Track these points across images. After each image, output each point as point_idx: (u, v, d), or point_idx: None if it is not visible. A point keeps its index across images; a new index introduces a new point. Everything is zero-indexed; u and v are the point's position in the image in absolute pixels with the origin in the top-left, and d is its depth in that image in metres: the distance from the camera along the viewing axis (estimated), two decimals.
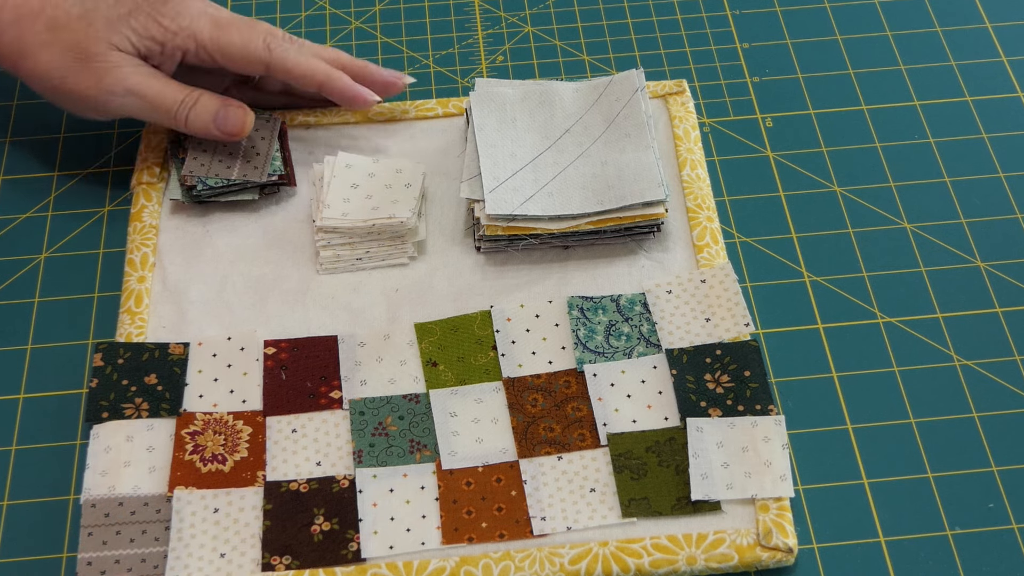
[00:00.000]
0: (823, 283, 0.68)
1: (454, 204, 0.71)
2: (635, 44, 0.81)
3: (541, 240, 0.67)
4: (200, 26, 0.68)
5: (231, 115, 0.68)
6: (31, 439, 0.63)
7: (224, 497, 0.60)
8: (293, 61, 0.68)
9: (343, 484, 0.60)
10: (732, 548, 0.57)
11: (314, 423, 0.62)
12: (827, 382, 0.64)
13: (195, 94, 0.68)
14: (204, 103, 0.68)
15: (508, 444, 0.61)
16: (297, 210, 0.71)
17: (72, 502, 0.61)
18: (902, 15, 0.82)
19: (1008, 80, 0.78)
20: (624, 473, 0.60)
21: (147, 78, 0.67)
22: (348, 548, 0.58)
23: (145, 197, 0.71)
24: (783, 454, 0.60)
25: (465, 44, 0.81)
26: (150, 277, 0.68)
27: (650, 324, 0.65)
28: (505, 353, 0.64)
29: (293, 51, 0.69)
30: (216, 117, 0.68)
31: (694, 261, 0.68)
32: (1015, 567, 0.58)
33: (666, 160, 0.72)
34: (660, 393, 0.63)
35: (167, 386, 0.63)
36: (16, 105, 0.78)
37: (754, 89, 0.78)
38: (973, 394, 0.64)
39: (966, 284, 0.68)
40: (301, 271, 0.68)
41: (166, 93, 0.67)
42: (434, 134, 0.74)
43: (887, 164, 0.74)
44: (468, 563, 0.57)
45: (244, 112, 0.69)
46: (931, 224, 0.71)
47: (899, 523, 0.59)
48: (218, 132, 0.68)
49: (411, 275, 0.68)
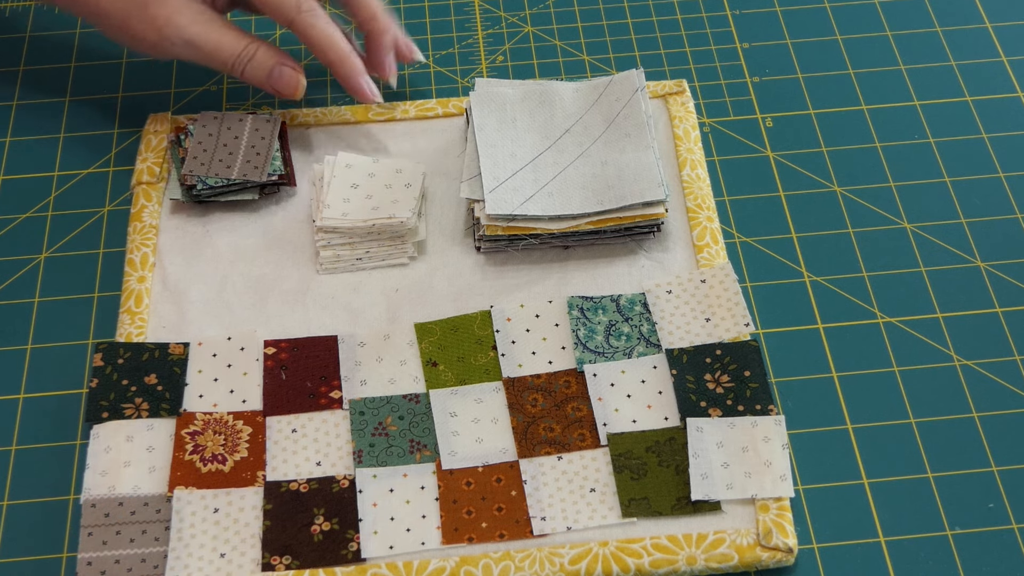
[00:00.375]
0: (823, 283, 0.68)
1: (454, 204, 0.71)
2: (635, 44, 0.81)
3: (541, 240, 0.67)
4: None
5: (285, 75, 0.69)
6: (31, 439, 0.63)
7: (224, 497, 0.60)
8: (317, 29, 0.69)
9: (343, 484, 0.60)
10: (732, 548, 0.57)
11: (314, 423, 0.62)
12: (827, 382, 0.64)
13: (252, 48, 0.68)
14: (260, 59, 0.69)
15: (508, 444, 0.61)
16: (297, 210, 0.71)
17: (72, 502, 0.61)
18: (902, 15, 0.82)
19: (1008, 80, 0.78)
20: (624, 473, 0.60)
21: (205, 28, 0.68)
22: (348, 548, 0.58)
23: (145, 197, 0.71)
24: (783, 454, 0.60)
25: (465, 44, 0.81)
26: (150, 277, 0.68)
27: (650, 324, 0.65)
28: (505, 353, 0.64)
29: (322, 19, 0.69)
30: (271, 74, 0.69)
31: (694, 261, 0.68)
32: (1015, 567, 0.58)
33: (666, 160, 0.72)
34: (660, 393, 0.63)
35: (167, 386, 0.63)
36: (16, 105, 0.78)
37: (754, 89, 0.78)
38: (973, 394, 0.64)
39: (966, 284, 0.68)
40: (301, 271, 0.68)
41: (223, 45, 0.68)
42: (434, 134, 0.74)
43: (887, 164, 0.74)
44: (468, 563, 0.57)
45: (297, 74, 0.69)
46: (931, 224, 0.71)
47: (899, 523, 0.59)
48: (271, 89, 0.70)
49: (411, 275, 0.68)
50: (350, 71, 0.70)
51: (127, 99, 0.78)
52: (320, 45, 0.69)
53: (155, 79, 0.79)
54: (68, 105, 0.78)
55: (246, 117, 0.72)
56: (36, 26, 0.82)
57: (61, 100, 0.78)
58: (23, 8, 0.84)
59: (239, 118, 0.72)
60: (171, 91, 0.78)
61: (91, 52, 0.81)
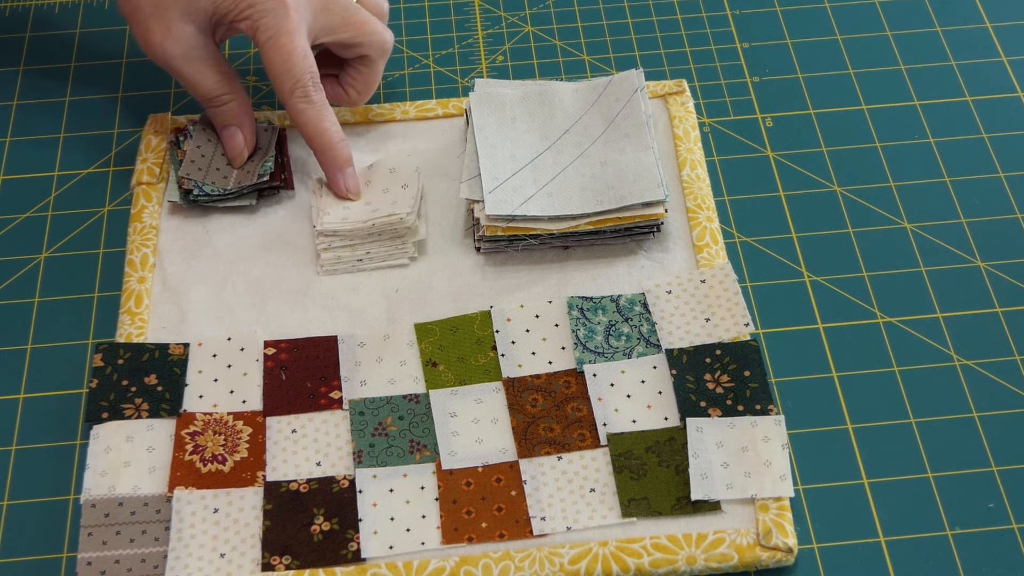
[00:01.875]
0: (823, 283, 0.68)
1: (454, 204, 0.71)
2: (635, 44, 0.81)
3: (541, 240, 0.67)
4: (264, 25, 0.67)
5: (235, 140, 0.70)
6: (31, 439, 0.63)
7: (224, 497, 0.60)
8: (306, 116, 0.68)
9: (343, 484, 0.60)
10: (732, 548, 0.57)
11: (314, 423, 0.62)
12: (827, 382, 0.64)
13: (225, 98, 0.69)
14: (226, 111, 0.70)
15: (508, 444, 0.61)
16: (297, 211, 0.71)
17: (72, 502, 0.61)
18: (902, 15, 0.82)
19: (1008, 80, 0.78)
20: (624, 473, 0.60)
21: (189, 65, 0.68)
22: (348, 548, 0.58)
23: (145, 197, 0.71)
24: (783, 454, 0.60)
25: (465, 44, 0.81)
26: (150, 278, 0.68)
27: (650, 324, 0.65)
28: (505, 353, 0.64)
29: (313, 105, 0.68)
30: (226, 131, 0.70)
31: (694, 261, 0.68)
32: (1015, 567, 0.58)
33: (666, 160, 0.72)
34: (660, 393, 0.63)
35: (167, 386, 0.63)
36: (16, 105, 0.78)
37: (754, 89, 0.78)
38: (973, 394, 0.64)
39: (966, 284, 0.68)
40: (301, 272, 0.68)
41: (200, 86, 0.69)
42: (434, 134, 0.74)
43: (887, 164, 0.74)
44: (468, 563, 0.57)
45: (243, 147, 0.70)
46: (931, 224, 0.71)
47: (899, 523, 0.59)
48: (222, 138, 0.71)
49: (411, 275, 0.68)
50: (330, 164, 0.69)
51: (127, 99, 0.78)
52: (306, 132, 0.68)
53: (155, 79, 0.79)
54: (68, 105, 0.78)
55: None
56: (36, 26, 0.82)
57: (61, 100, 0.78)
58: (23, 8, 0.84)
59: None
60: (171, 91, 0.78)
61: (91, 52, 0.81)
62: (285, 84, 0.67)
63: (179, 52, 0.67)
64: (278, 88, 0.67)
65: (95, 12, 0.83)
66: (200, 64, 0.68)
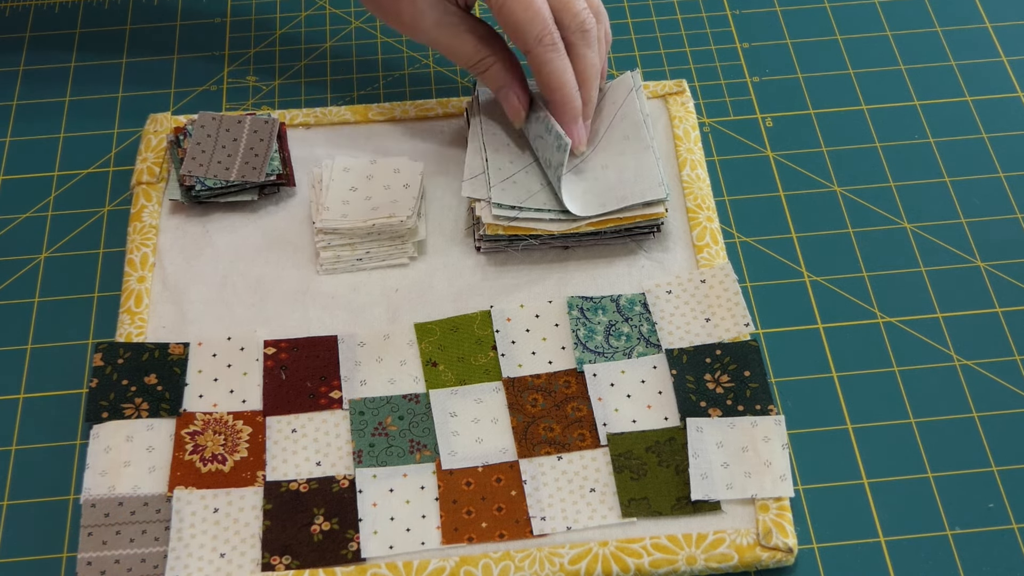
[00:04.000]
0: (823, 283, 0.68)
1: (454, 204, 0.71)
2: (635, 44, 0.81)
3: (541, 241, 0.67)
4: None
5: (510, 100, 0.69)
6: (31, 439, 0.63)
7: (224, 497, 0.60)
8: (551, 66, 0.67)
9: (343, 484, 0.60)
10: (732, 548, 0.57)
11: (314, 423, 0.62)
12: (827, 382, 0.64)
13: (488, 61, 0.68)
14: (492, 74, 0.69)
15: (508, 444, 0.61)
16: (297, 210, 0.71)
17: (72, 502, 0.61)
18: (902, 15, 0.82)
19: (1008, 80, 0.78)
20: (624, 473, 0.60)
21: (446, 32, 0.68)
22: (348, 548, 0.58)
23: (145, 197, 0.71)
24: (783, 454, 0.60)
25: None
26: (150, 277, 0.68)
27: (650, 324, 0.65)
28: (505, 353, 0.64)
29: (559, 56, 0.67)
30: (499, 93, 0.69)
31: (694, 261, 0.68)
32: (1015, 567, 0.58)
33: (666, 160, 0.72)
34: (660, 393, 0.63)
35: (167, 386, 0.63)
36: (16, 105, 0.78)
37: (754, 89, 0.78)
38: (973, 394, 0.64)
39: (966, 284, 0.68)
40: (301, 271, 0.68)
41: (460, 52, 0.68)
42: (434, 134, 0.74)
43: (887, 164, 0.74)
44: (468, 563, 0.57)
45: (519, 107, 0.69)
46: (931, 224, 0.71)
47: (899, 523, 0.59)
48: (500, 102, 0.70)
49: (411, 275, 0.68)
50: (569, 116, 0.68)
51: (127, 99, 0.78)
52: (549, 84, 0.67)
53: (155, 79, 0.79)
54: (68, 105, 0.78)
55: (244, 119, 0.72)
56: (36, 26, 0.82)
57: (61, 100, 0.78)
58: (23, 8, 0.84)
59: (237, 120, 0.72)
60: (171, 91, 0.78)
61: (91, 52, 0.81)
62: (531, 32, 0.66)
63: (430, 23, 0.67)
64: (521, 39, 0.66)
65: (95, 12, 0.83)
66: (454, 30, 0.68)
